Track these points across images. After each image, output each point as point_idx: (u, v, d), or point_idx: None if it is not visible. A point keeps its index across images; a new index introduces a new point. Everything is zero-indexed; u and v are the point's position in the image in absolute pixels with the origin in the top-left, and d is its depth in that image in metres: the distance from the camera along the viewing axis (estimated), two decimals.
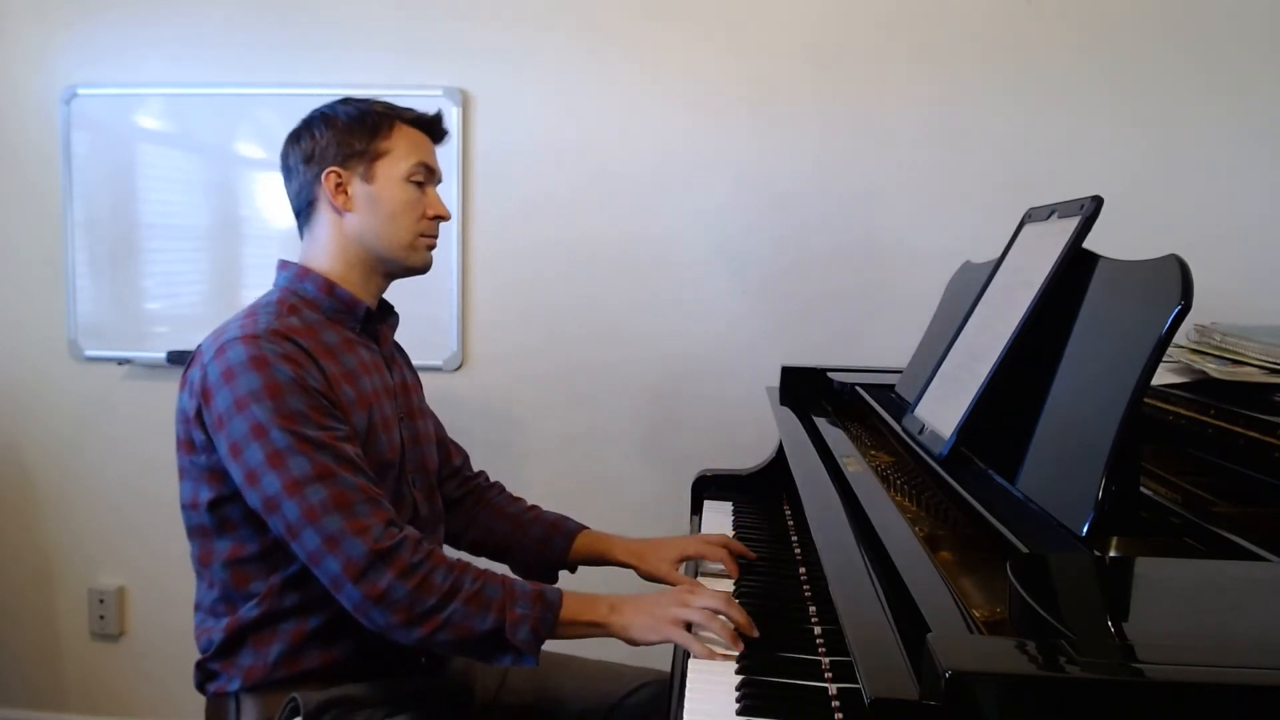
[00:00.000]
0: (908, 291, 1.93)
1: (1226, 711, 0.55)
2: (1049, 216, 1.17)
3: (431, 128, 1.29)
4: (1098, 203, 1.04)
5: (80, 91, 2.09)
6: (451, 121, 1.94)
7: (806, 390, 1.76)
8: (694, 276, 2.01)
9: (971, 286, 1.32)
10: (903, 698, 0.65)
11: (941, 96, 1.92)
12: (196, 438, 1.12)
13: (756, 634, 1.08)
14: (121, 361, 2.16)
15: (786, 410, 1.67)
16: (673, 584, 1.33)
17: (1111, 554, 0.79)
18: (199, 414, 1.10)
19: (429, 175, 1.26)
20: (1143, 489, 0.96)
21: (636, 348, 2.04)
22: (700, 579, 1.34)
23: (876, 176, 1.95)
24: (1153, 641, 0.60)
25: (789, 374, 1.79)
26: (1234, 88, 1.84)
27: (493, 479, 1.52)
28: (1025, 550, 0.77)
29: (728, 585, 1.31)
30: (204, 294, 2.13)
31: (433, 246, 1.28)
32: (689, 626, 1.08)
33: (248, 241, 2.10)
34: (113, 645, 2.27)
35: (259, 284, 2.10)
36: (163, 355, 2.11)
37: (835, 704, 0.95)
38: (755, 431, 1.97)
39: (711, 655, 1.05)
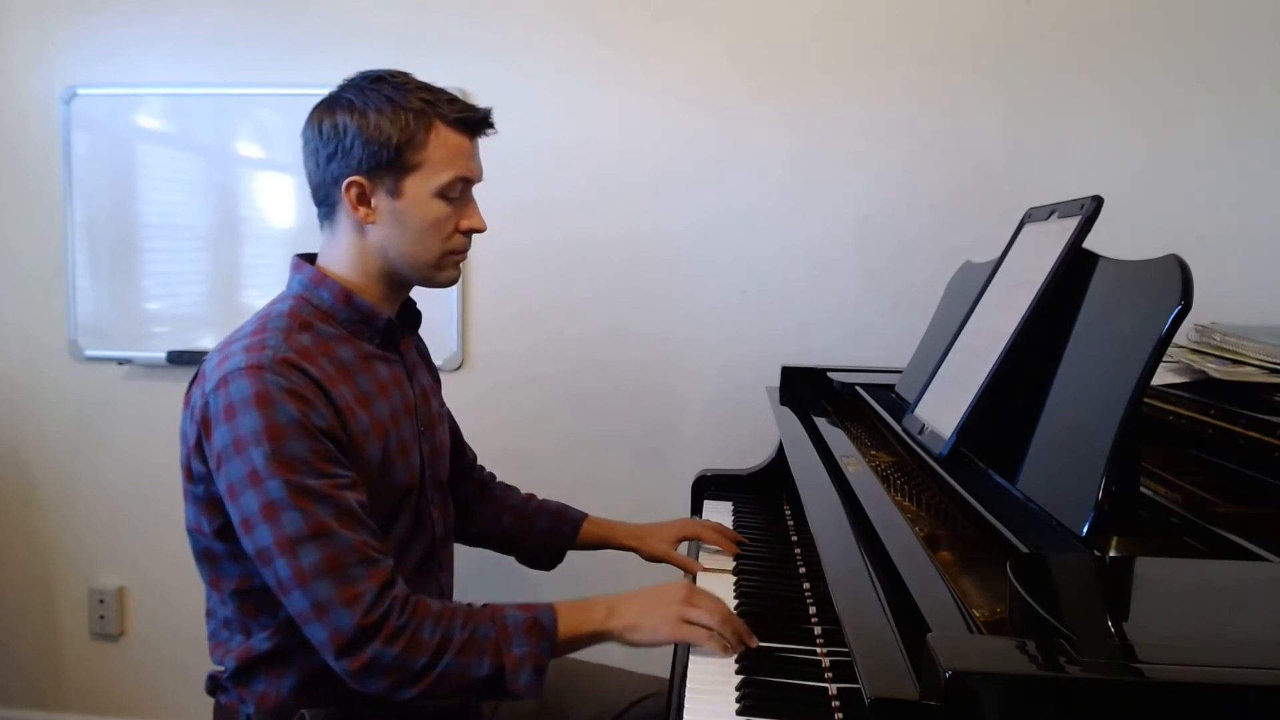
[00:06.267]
0: (908, 291, 1.93)
1: (1226, 711, 0.55)
2: (1049, 216, 1.17)
3: (477, 128, 1.15)
4: (1098, 203, 1.04)
5: (80, 91, 2.09)
6: None
7: (806, 390, 1.77)
8: (694, 276, 2.01)
9: (971, 286, 1.32)
10: (903, 698, 0.65)
11: (942, 96, 1.91)
12: (196, 468, 1.06)
13: (756, 643, 1.07)
14: (121, 361, 2.16)
15: (786, 410, 1.67)
16: (673, 563, 1.42)
17: (1111, 554, 0.79)
18: (199, 444, 1.04)
19: (466, 186, 1.15)
20: (1143, 489, 0.96)
21: (636, 348, 2.04)
22: (702, 556, 1.42)
23: (876, 176, 1.95)
24: (1153, 641, 0.60)
25: (789, 374, 1.79)
26: (1234, 87, 1.84)
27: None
28: (1025, 550, 0.77)
29: (728, 563, 1.38)
30: (204, 294, 2.12)
31: (461, 261, 1.18)
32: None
33: (248, 241, 2.10)
34: (113, 645, 2.27)
35: (259, 284, 2.12)
36: (163, 355, 2.12)
37: (835, 704, 0.95)
38: (755, 431, 1.98)
39: (729, 652, 1.05)
